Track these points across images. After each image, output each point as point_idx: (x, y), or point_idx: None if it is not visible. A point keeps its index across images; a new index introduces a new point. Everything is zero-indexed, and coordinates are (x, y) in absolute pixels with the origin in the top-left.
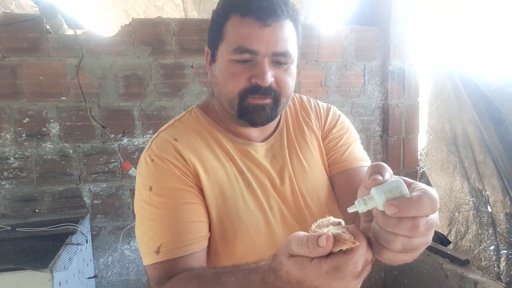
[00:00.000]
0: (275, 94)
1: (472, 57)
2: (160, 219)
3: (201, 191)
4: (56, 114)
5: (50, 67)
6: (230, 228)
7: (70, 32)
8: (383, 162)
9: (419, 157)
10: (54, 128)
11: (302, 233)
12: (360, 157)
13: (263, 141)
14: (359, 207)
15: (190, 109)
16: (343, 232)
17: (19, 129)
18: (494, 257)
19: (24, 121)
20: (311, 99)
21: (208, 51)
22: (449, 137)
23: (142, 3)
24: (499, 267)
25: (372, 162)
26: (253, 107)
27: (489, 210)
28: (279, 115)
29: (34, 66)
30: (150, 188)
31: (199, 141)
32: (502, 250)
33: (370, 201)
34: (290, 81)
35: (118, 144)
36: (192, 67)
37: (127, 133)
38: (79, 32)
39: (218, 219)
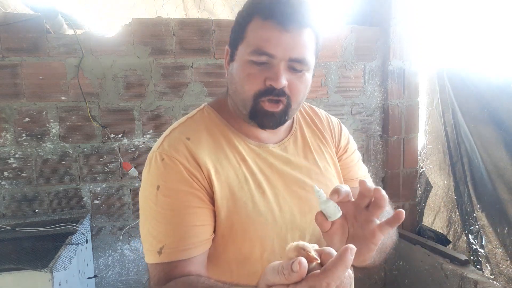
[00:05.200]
0: (287, 98)
1: (470, 57)
2: (165, 220)
3: (210, 192)
4: (56, 114)
5: (50, 67)
6: (239, 228)
7: (70, 32)
8: (383, 162)
9: (418, 157)
10: (54, 128)
11: (276, 262)
12: (365, 174)
13: (276, 143)
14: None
15: (202, 107)
16: (304, 250)
17: (19, 129)
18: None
19: (24, 121)
20: (320, 109)
21: (228, 50)
22: (444, 137)
23: (142, 2)
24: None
25: (372, 163)
26: (264, 113)
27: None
28: (290, 120)
29: (34, 66)
30: (158, 188)
31: (210, 140)
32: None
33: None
34: (303, 88)
35: (118, 144)
36: (192, 67)
37: (127, 133)
38: (79, 32)
39: (228, 219)
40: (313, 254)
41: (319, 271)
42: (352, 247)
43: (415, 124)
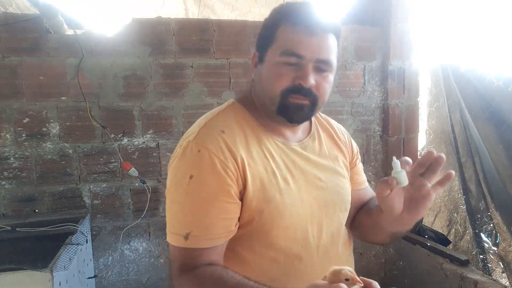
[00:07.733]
0: (313, 97)
1: (471, 57)
2: (194, 208)
3: (241, 184)
4: (56, 114)
5: (50, 67)
6: (268, 218)
7: (70, 32)
8: (383, 162)
9: (419, 157)
10: (54, 128)
11: (320, 282)
12: (365, 179)
13: (297, 142)
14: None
15: (231, 102)
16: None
17: (19, 129)
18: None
19: (24, 121)
20: (331, 119)
21: (255, 54)
22: (447, 137)
23: (142, 2)
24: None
25: (372, 162)
26: (292, 106)
27: (466, 216)
28: (312, 117)
29: (34, 66)
30: (191, 177)
31: (242, 135)
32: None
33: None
34: (328, 87)
35: (118, 144)
36: (192, 67)
37: (127, 133)
38: (79, 32)
39: (258, 209)
40: (357, 278)
41: None
42: (376, 286)
43: (415, 124)
